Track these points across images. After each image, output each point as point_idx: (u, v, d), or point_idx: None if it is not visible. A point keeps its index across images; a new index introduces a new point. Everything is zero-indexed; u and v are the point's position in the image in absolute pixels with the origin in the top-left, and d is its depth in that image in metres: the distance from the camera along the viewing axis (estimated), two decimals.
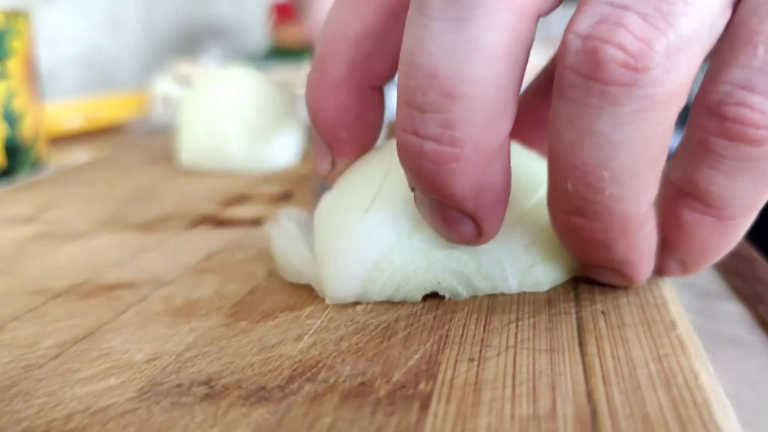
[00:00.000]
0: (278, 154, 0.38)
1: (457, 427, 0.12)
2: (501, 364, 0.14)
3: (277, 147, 0.37)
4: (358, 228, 0.18)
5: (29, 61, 0.45)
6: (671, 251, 0.17)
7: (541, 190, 0.18)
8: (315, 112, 0.19)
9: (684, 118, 0.15)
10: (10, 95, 0.43)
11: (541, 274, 0.18)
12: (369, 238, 0.18)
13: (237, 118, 0.37)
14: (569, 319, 0.16)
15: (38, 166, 0.46)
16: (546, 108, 0.16)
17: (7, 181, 0.43)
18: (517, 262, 0.18)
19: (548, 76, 0.21)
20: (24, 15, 0.45)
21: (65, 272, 0.23)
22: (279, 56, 0.92)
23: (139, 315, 0.19)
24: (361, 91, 0.18)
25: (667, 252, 0.17)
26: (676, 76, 0.14)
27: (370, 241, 0.18)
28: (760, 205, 0.16)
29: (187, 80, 0.71)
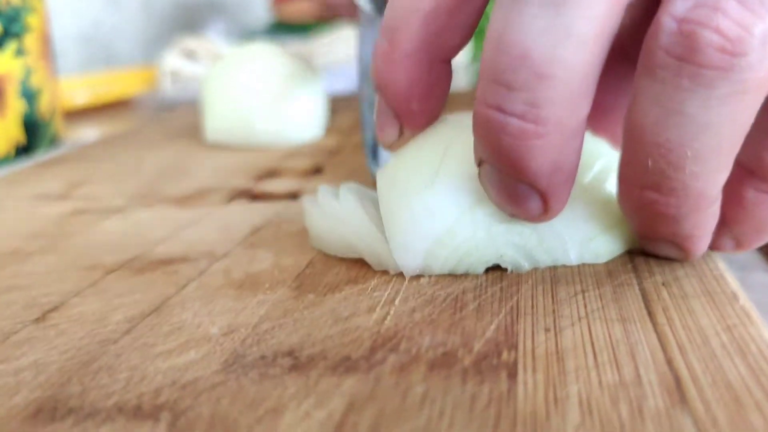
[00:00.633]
0: (303, 128, 0.38)
1: (549, 395, 0.13)
2: (577, 333, 0.15)
3: (302, 121, 0.38)
4: (421, 203, 0.18)
5: (45, 38, 0.45)
6: (728, 228, 0.18)
7: (597, 165, 0.19)
8: (385, 83, 0.19)
9: None
10: (28, 71, 0.43)
11: (601, 246, 0.18)
12: (431, 212, 0.18)
13: (261, 93, 0.37)
14: (633, 291, 0.17)
15: (56, 142, 0.45)
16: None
17: (27, 157, 0.43)
18: (577, 235, 0.18)
19: None
20: None
21: (112, 248, 0.23)
22: (282, 31, 0.91)
23: (201, 289, 0.19)
24: (432, 64, 0.18)
25: (724, 228, 0.18)
26: None
27: (433, 215, 0.18)
28: None
29: (194, 55, 0.71)
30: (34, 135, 0.43)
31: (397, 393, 0.13)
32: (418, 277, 0.19)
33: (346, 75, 0.67)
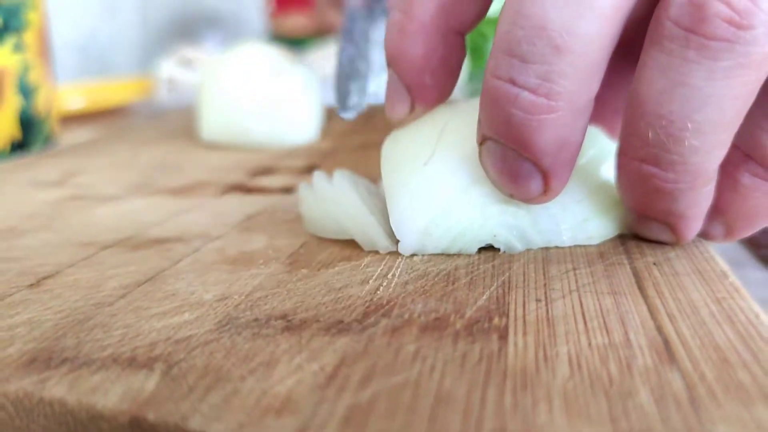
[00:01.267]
0: (298, 130, 0.38)
1: (539, 353, 0.13)
2: (568, 304, 0.15)
3: (298, 123, 0.38)
4: (416, 182, 0.18)
5: (43, 35, 0.45)
6: (719, 214, 0.18)
7: (592, 150, 0.19)
8: (398, 55, 0.19)
9: None
10: (26, 68, 0.43)
11: (593, 229, 0.19)
12: (427, 192, 0.18)
13: (256, 95, 0.37)
14: (624, 269, 0.17)
15: (50, 141, 0.46)
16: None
17: (22, 154, 0.43)
18: (571, 217, 0.18)
19: None
20: None
21: (107, 228, 0.23)
22: (278, 44, 0.92)
23: (196, 263, 0.19)
24: (446, 36, 0.18)
25: (716, 214, 0.18)
26: None
27: (429, 195, 0.18)
28: None
29: (191, 63, 0.71)
30: (30, 132, 0.43)
31: (389, 351, 0.13)
32: (411, 255, 0.19)
33: None
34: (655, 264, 0.17)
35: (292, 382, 0.12)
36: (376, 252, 0.19)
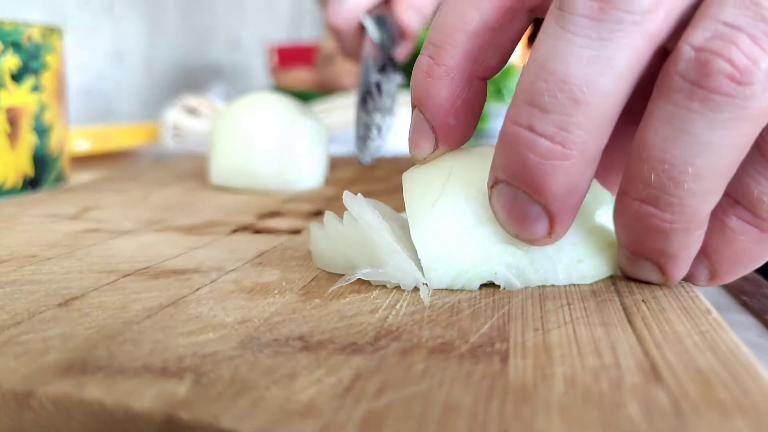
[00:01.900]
0: (305, 176, 0.40)
1: (537, 373, 0.14)
2: (563, 333, 0.16)
3: (304, 170, 0.40)
4: (424, 220, 0.20)
5: (60, 76, 0.47)
6: (706, 256, 0.19)
7: (588, 196, 0.21)
8: (425, 96, 0.20)
9: None
10: (42, 108, 0.45)
11: (587, 269, 0.20)
12: (434, 230, 0.20)
13: (267, 140, 0.39)
14: (615, 305, 0.18)
15: (61, 179, 0.47)
16: None
17: (33, 191, 0.44)
18: (566, 258, 0.20)
19: None
20: (59, 31, 0.47)
21: (126, 259, 0.25)
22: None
23: (214, 291, 0.20)
24: (471, 81, 0.20)
25: (701, 257, 0.19)
26: None
27: (436, 233, 0.20)
28: None
29: (195, 112, 0.74)
30: (42, 169, 0.45)
31: (400, 368, 0.15)
32: (416, 289, 0.20)
33: (343, 140, 0.70)
34: (643, 301, 0.19)
35: (313, 391, 0.14)
36: (384, 286, 0.21)
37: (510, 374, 0.14)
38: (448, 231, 0.20)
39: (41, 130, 0.45)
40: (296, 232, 0.30)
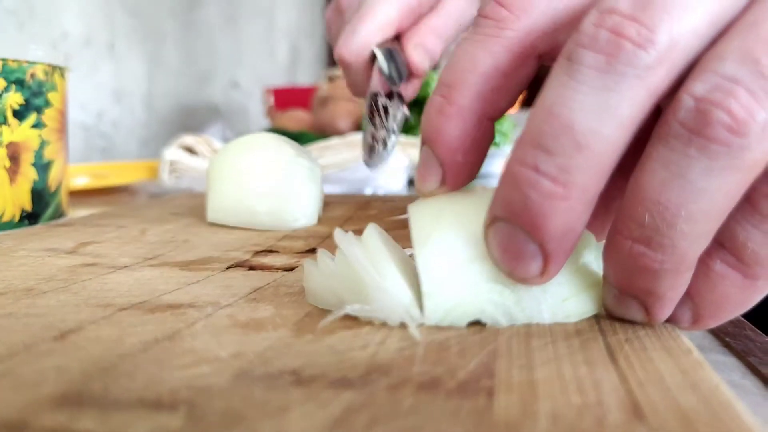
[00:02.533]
0: (299, 215, 0.40)
1: (522, 410, 0.15)
2: (548, 370, 0.17)
3: (299, 208, 0.40)
4: (421, 253, 0.20)
5: (62, 114, 0.48)
6: (690, 299, 0.20)
7: None
8: (436, 133, 0.21)
9: None
10: (43, 144, 0.45)
11: (572, 307, 0.21)
12: (424, 269, 0.20)
13: (263, 179, 0.39)
14: (598, 344, 0.19)
15: (60, 214, 0.48)
16: None
17: (31, 225, 0.45)
18: (551, 297, 0.20)
19: None
20: (62, 69, 0.48)
21: (122, 293, 0.25)
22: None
23: (209, 326, 0.21)
24: (481, 121, 0.21)
25: (685, 299, 0.20)
26: (764, 147, 0.17)
27: (425, 271, 0.20)
28: None
29: (192, 150, 0.75)
30: (41, 204, 0.45)
31: (389, 403, 0.15)
32: (404, 326, 0.21)
33: (337, 180, 0.71)
34: (626, 340, 0.19)
35: (304, 424, 0.14)
36: (371, 323, 0.21)
37: (495, 410, 0.15)
38: (437, 269, 0.20)
39: (41, 166, 0.45)
40: (290, 269, 0.30)
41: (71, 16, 0.97)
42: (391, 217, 0.46)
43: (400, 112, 0.40)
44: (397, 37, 0.44)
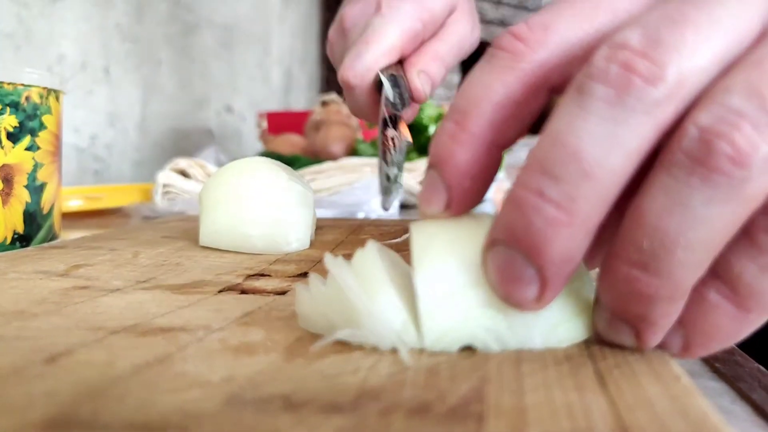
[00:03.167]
0: (292, 239, 0.40)
1: None
2: (538, 396, 0.17)
3: (291, 232, 0.40)
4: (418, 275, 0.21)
5: (56, 136, 0.48)
6: (681, 326, 0.20)
7: None
8: (445, 158, 0.21)
9: None
10: (37, 166, 0.46)
11: (563, 333, 0.21)
12: (420, 291, 0.20)
13: (256, 203, 0.40)
14: (588, 369, 0.19)
15: (52, 236, 0.47)
16: None
17: (23, 247, 0.44)
18: (543, 322, 0.21)
19: None
20: (57, 93, 0.48)
21: (114, 316, 0.25)
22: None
23: (201, 350, 0.21)
24: (491, 148, 0.21)
25: (677, 327, 0.20)
26: (764, 181, 0.17)
27: (422, 293, 0.20)
28: None
29: (185, 173, 0.75)
30: (33, 226, 0.45)
31: (380, 428, 0.15)
32: (395, 351, 0.21)
33: (330, 204, 0.71)
34: (616, 366, 0.19)
35: None
36: (362, 347, 0.21)
37: None
38: (429, 296, 0.20)
39: (34, 188, 0.45)
40: (282, 292, 0.30)
41: (68, 40, 0.98)
42: (384, 241, 0.46)
43: (404, 143, 0.42)
44: (400, 61, 0.45)
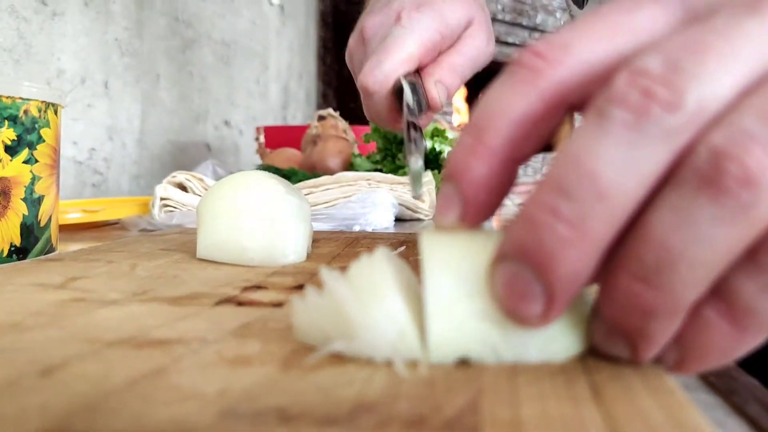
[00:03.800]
0: (289, 251, 0.40)
1: None
2: (534, 408, 0.17)
3: (288, 245, 0.40)
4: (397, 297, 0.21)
5: (54, 150, 0.48)
6: (676, 342, 0.20)
7: None
8: (463, 171, 0.21)
9: None
10: (34, 179, 0.46)
11: (558, 346, 0.21)
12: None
13: (253, 216, 0.40)
14: (583, 382, 0.19)
15: (49, 249, 0.47)
16: None
17: (19, 260, 0.44)
18: (539, 335, 0.21)
19: None
20: (55, 107, 0.48)
21: (110, 329, 0.25)
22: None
23: (196, 363, 0.21)
24: (507, 164, 0.21)
25: (672, 342, 0.20)
26: None
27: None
28: None
29: (183, 186, 0.75)
30: (30, 238, 0.45)
31: None
32: (390, 363, 0.21)
33: (326, 217, 0.71)
34: (611, 378, 0.19)
35: None
36: (358, 360, 0.21)
37: None
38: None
39: (32, 201, 0.46)
40: (279, 305, 0.30)
41: (67, 54, 0.98)
42: None
43: (423, 143, 0.43)
44: (417, 70, 0.46)
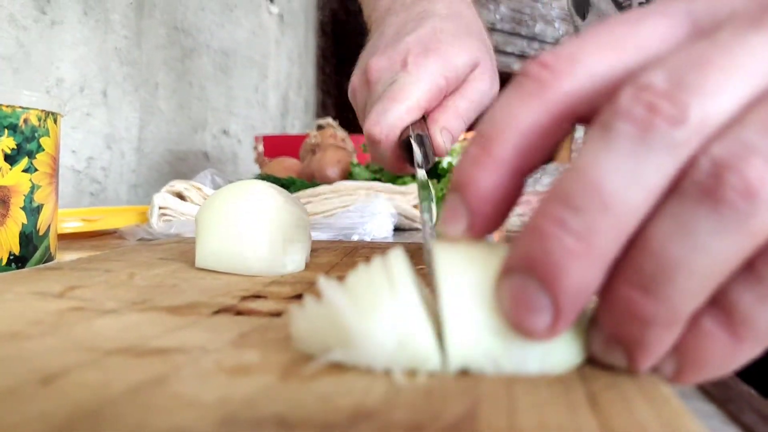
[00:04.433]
0: (287, 261, 0.41)
1: None
2: (532, 416, 0.17)
3: (287, 255, 0.41)
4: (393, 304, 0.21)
5: (53, 158, 0.48)
6: (674, 352, 0.20)
7: None
8: (469, 182, 0.21)
9: None
10: (33, 188, 0.46)
11: (558, 358, 0.21)
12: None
13: (252, 226, 0.40)
14: (580, 391, 0.19)
15: (48, 257, 0.47)
16: None
17: (18, 268, 0.45)
18: (539, 347, 0.21)
19: None
20: (55, 115, 0.48)
21: (109, 338, 0.25)
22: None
23: (196, 371, 0.21)
24: (513, 175, 0.21)
25: (669, 352, 0.20)
26: None
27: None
28: None
29: (181, 195, 0.75)
30: (29, 247, 0.45)
31: None
32: (388, 372, 0.21)
33: (325, 227, 0.72)
34: (608, 387, 0.19)
35: None
36: (356, 368, 0.21)
37: None
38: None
39: (31, 210, 0.46)
40: (277, 314, 0.31)
41: (66, 63, 0.99)
42: None
43: (432, 192, 0.45)
44: (423, 116, 0.46)
